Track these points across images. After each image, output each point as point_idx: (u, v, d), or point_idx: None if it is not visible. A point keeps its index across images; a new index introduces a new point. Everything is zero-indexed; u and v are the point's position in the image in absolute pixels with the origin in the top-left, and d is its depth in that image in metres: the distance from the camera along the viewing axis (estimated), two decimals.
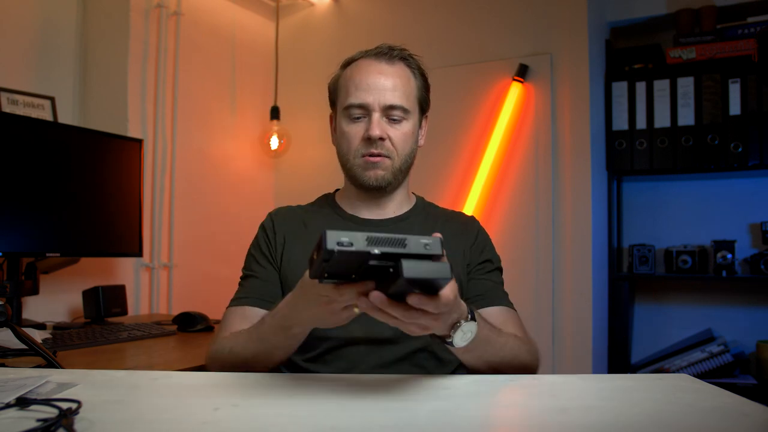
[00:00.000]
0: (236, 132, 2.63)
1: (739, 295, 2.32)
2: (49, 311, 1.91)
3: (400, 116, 1.07)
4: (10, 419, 0.59)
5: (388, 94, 1.06)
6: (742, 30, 2.20)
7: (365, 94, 1.06)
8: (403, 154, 1.08)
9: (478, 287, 1.11)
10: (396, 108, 1.06)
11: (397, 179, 1.10)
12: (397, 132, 1.07)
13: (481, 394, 0.79)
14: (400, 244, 0.64)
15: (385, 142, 1.06)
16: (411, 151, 1.11)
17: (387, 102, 1.06)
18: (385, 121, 1.07)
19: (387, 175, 1.07)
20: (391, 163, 1.07)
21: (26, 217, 1.64)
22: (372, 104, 1.05)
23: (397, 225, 1.12)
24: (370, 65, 1.08)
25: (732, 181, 2.32)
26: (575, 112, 2.23)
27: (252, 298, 1.07)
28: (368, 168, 1.07)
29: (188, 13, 2.38)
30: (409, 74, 1.10)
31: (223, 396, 0.75)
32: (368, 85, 1.06)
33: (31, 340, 0.90)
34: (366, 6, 2.68)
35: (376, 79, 1.06)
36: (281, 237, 1.11)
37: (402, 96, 1.07)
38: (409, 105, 1.08)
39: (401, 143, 1.08)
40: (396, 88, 1.07)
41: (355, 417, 0.66)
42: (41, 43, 2.07)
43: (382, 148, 1.06)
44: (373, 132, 1.05)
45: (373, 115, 1.05)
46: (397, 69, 1.09)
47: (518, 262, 2.24)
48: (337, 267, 0.66)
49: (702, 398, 0.73)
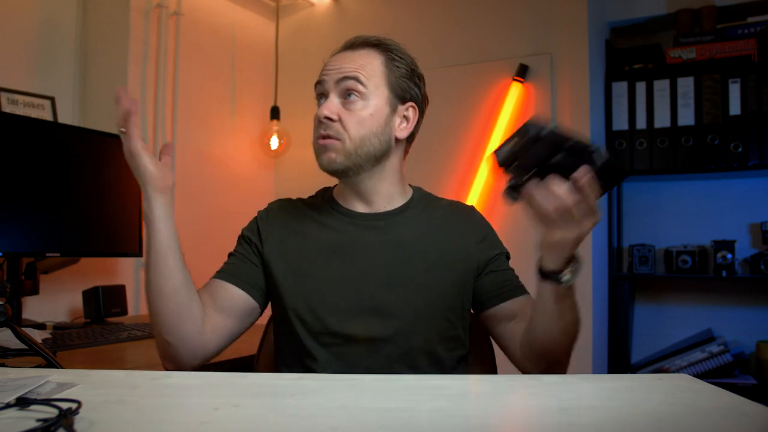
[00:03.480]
0: (236, 132, 2.63)
1: (739, 295, 2.32)
2: (49, 311, 1.91)
3: (357, 95, 1.03)
4: (10, 419, 0.59)
5: (343, 69, 1.04)
6: (742, 30, 2.20)
7: (322, 75, 1.06)
8: (356, 137, 1.03)
9: (501, 279, 1.12)
10: (348, 80, 1.02)
11: (357, 163, 1.04)
12: (351, 112, 1.03)
13: (481, 394, 0.79)
14: (585, 143, 0.79)
15: (334, 123, 1.03)
16: (370, 134, 1.04)
17: (339, 75, 1.04)
18: (341, 101, 1.05)
19: (338, 158, 1.03)
20: (342, 145, 1.03)
21: (26, 217, 1.64)
22: (326, 81, 1.05)
23: (395, 218, 1.11)
24: (338, 54, 1.09)
25: (732, 181, 2.32)
26: (575, 112, 2.23)
27: (223, 273, 1.09)
28: (321, 151, 1.06)
29: (188, 13, 2.38)
30: (375, 57, 1.06)
31: (223, 396, 0.75)
32: (327, 67, 1.06)
33: (31, 340, 0.90)
34: (366, 6, 2.68)
35: (334, 62, 1.06)
36: (272, 230, 1.11)
37: (360, 71, 1.03)
38: (369, 82, 1.04)
39: (354, 124, 1.03)
40: (355, 66, 1.04)
41: (355, 417, 0.66)
42: (41, 43, 2.07)
43: (330, 129, 1.04)
44: (320, 111, 1.04)
45: (330, 96, 1.05)
46: (360, 52, 1.06)
47: (518, 262, 2.22)
48: (530, 154, 0.80)
49: (702, 398, 0.73)
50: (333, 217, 1.12)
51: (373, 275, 1.05)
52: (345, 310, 1.03)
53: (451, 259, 1.09)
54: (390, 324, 1.03)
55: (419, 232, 1.11)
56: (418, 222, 1.12)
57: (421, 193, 1.19)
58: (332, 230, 1.10)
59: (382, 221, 1.10)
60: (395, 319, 1.03)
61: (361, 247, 1.08)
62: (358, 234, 1.09)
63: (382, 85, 1.06)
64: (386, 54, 1.07)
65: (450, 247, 1.10)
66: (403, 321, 1.03)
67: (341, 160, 1.04)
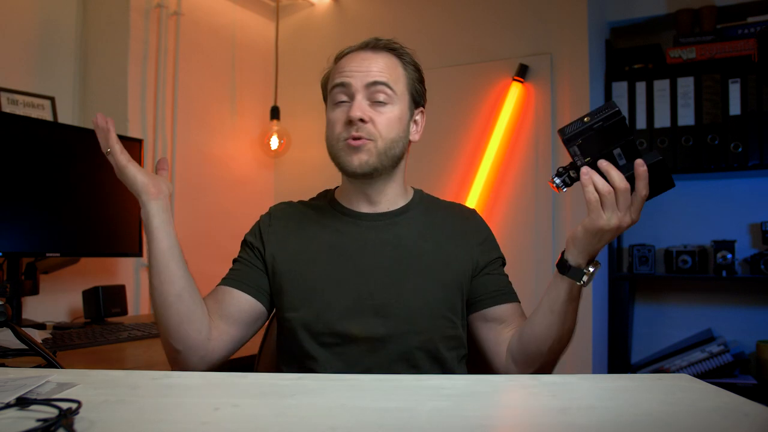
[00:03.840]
0: (236, 132, 2.63)
1: (739, 295, 2.32)
2: (49, 311, 1.91)
3: (385, 98, 1.04)
4: (10, 419, 0.59)
5: (372, 73, 1.04)
6: (742, 30, 2.20)
7: (347, 76, 1.05)
8: (387, 138, 1.04)
9: (495, 283, 1.12)
10: (379, 84, 1.04)
11: (384, 165, 1.05)
12: (382, 115, 1.04)
13: (481, 394, 0.79)
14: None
15: (367, 124, 1.03)
16: (398, 137, 1.06)
17: (370, 79, 1.03)
18: (369, 104, 1.04)
19: (371, 160, 1.03)
20: (374, 145, 1.03)
21: (26, 217, 1.64)
22: (354, 84, 1.04)
23: (393, 219, 1.11)
24: (357, 54, 1.08)
25: (732, 181, 2.32)
26: (575, 112, 2.22)
27: (230, 279, 1.09)
28: (350, 152, 1.03)
29: (188, 13, 2.38)
30: (396, 63, 1.08)
31: (223, 396, 0.75)
32: (351, 68, 1.05)
33: (31, 340, 0.90)
34: (366, 6, 2.68)
35: (359, 63, 1.06)
36: (276, 235, 1.11)
37: (387, 76, 1.05)
38: (396, 87, 1.06)
39: (385, 127, 1.04)
40: (380, 69, 1.05)
41: (355, 417, 0.66)
42: (41, 43, 2.07)
43: (363, 130, 1.03)
44: (353, 113, 1.02)
45: (356, 97, 1.04)
46: (382, 55, 1.07)
47: (518, 262, 2.24)
48: (597, 137, 0.87)
49: (702, 398, 0.73)
50: (335, 218, 1.13)
51: (374, 275, 1.05)
52: (346, 309, 1.04)
53: (451, 260, 1.10)
54: (390, 323, 1.03)
55: (419, 232, 1.11)
56: (419, 222, 1.13)
57: (422, 194, 1.20)
58: (333, 230, 1.11)
59: (384, 221, 1.11)
60: (395, 318, 1.03)
61: (362, 247, 1.08)
62: (359, 234, 1.09)
63: (405, 91, 1.08)
64: (401, 59, 1.09)
65: (450, 248, 1.11)
66: (404, 320, 1.03)
67: (373, 161, 1.04)
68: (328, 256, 1.08)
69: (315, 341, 1.04)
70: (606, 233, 0.92)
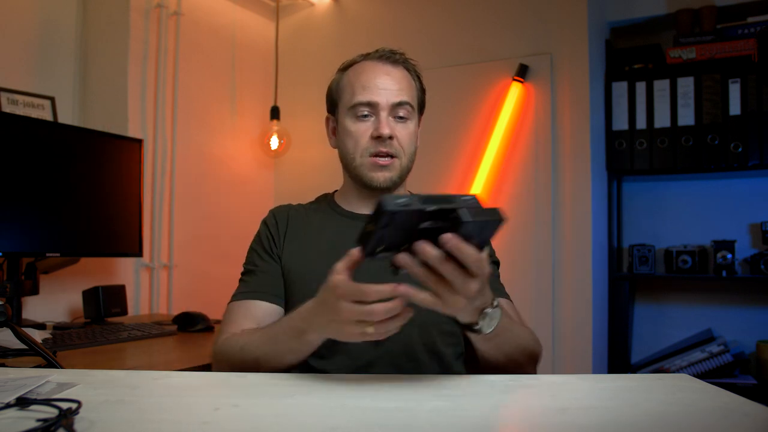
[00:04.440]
0: (236, 132, 2.63)
1: (739, 295, 2.32)
2: (49, 311, 1.91)
3: (407, 115, 1.09)
4: (10, 419, 0.59)
5: (396, 92, 1.08)
6: (742, 30, 2.20)
7: (373, 93, 1.07)
8: (409, 153, 1.10)
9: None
10: (404, 104, 1.09)
11: (402, 179, 1.12)
12: (404, 131, 1.09)
13: (481, 394, 0.79)
14: (450, 200, 0.69)
15: (393, 140, 1.08)
16: (415, 150, 1.13)
17: (396, 99, 1.08)
18: (392, 120, 1.08)
19: (395, 176, 1.09)
20: (399, 162, 1.09)
21: (26, 217, 1.64)
22: (381, 103, 1.07)
23: None
24: (376, 66, 1.10)
25: (732, 181, 2.32)
26: (575, 112, 2.23)
27: (256, 292, 1.08)
28: (376, 170, 1.08)
29: (188, 13, 2.38)
30: (410, 78, 1.13)
31: (223, 396, 0.75)
32: (376, 84, 1.08)
33: (31, 340, 0.90)
34: (366, 6, 2.68)
35: (384, 80, 1.09)
36: (282, 232, 1.13)
37: (408, 94, 1.10)
38: (414, 104, 1.12)
39: (407, 142, 1.10)
40: (402, 88, 1.09)
41: (355, 417, 0.66)
42: (41, 43, 2.07)
43: (390, 146, 1.08)
44: (383, 130, 1.06)
45: (381, 114, 1.07)
46: (400, 71, 1.11)
47: (518, 261, 2.24)
48: (394, 233, 0.68)
49: (702, 398, 0.73)
50: (336, 220, 1.14)
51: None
52: None
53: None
54: None
55: None
56: None
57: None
58: (335, 232, 1.12)
59: None
60: None
61: None
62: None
63: (416, 105, 1.13)
64: (412, 73, 1.14)
65: None
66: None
67: (396, 177, 1.09)
68: (329, 256, 1.07)
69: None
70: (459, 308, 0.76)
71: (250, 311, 1.06)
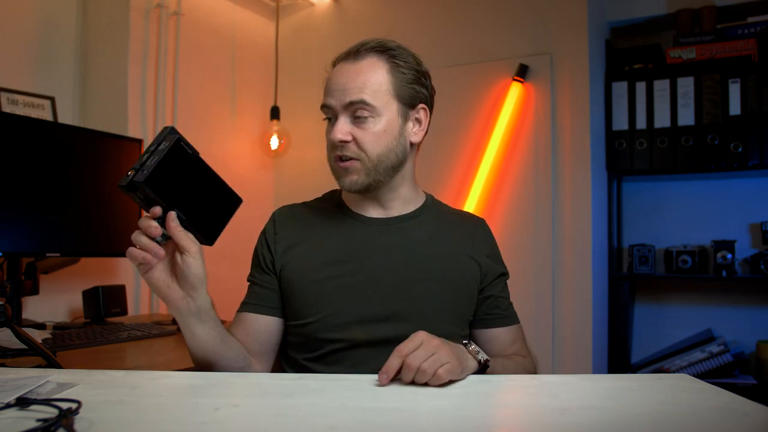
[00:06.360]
0: (236, 132, 2.63)
1: (739, 295, 2.32)
2: (49, 311, 1.91)
3: (366, 114, 1.01)
4: (10, 419, 0.59)
5: (348, 92, 1.01)
6: (742, 30, 2.20)
7: (328, 95, 1.04)
8: (374, 154, 1.02)
9: (497, 305, 1.13)
10: (356, 104, 1.00)
11: (378, 179, 1.04)
12: (364, 132, 1.01)
13: (481, 394, 0.79)
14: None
15: (350, 144, 1.02)
16: (387, 149, 1.03)
17: (346, 99, 1.01)
18: (351, 121, 1.02)
19: (360, 179, 1.03)
20: (361, 165, 1.02)
21: (26, 217, 1.64)
22: (334, 105, 1.02)
23: (405, 223, 1.11)
24: (340, 66, 1.05)
25: (732, 181, 2.32)
26: (575, 112, 2.23)
27: (250, 304, 1.08)
28: (341, 174, 1.04)
29: (188, 13, 2.38)
30: (381, 67, 1.03)
31: (223, 396, 0.75)
32: (331, 86, 1.03)
33: (31, 340, 0.90)
34: (366, 6, 2.68)
35: (338, 79, 1.03)
36: (283, 244, 1.09)
37: (365, 91, 1.01)
38: (377, 100, 1.01)
39: (369, 143, 1.01)
40: (357, 85, 1.00)
41: (355, 417, 0.66)
42: (41, 43, 2.07)
43: (347, 150, 1.02)
44: (333, 135, 1.02)
45: (340, 118, 1.02)
46: (363, 64, 1.02)
47: (518, 262, 2.24)
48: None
49: (702, 398, 0.73)
50: (343, 223, 1.11)
51: (385, 279, 1.05)
52: (355, 315, 1.03)
53: (463, 267, 1.10)
54: (400, 327, 1.02)
55: (431, 237, 1.11)
56: (430, 227, 1.12)
57: (433, 199, 1.20)
58: (342, 236, 1.09)
59: (394, 225, 1.10)
60: (406, 323, 1.02)
61: (373, 252, 1.07)
62: (369, 239, 1.08)
63: (391, 98, 1.03)
64: (391, 62, 1.04)
65: (462, 255, 1.11)
66: (415, 325, 1.02)
67: (362, 179, 1.03)
68: (336, 261, 1.07)
69: (322, 348, 1.03)
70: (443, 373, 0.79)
71: (240, 322, 1.07)
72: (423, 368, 0.78)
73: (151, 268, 0.87)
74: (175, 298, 0.88)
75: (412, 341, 0.82)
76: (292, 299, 1.06)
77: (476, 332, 1.13)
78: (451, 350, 0.83)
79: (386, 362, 0.80)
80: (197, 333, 0.92)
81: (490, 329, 1.12)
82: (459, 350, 0.86)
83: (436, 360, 0.79)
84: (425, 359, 0.79)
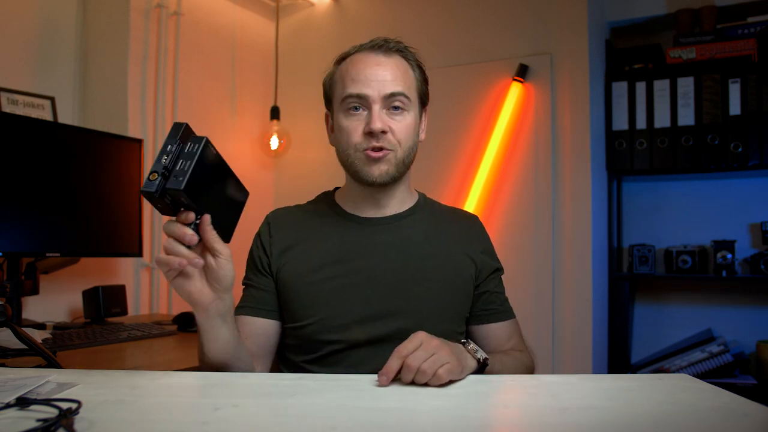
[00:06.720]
0: (236, 132, 2.63)
1: (739, 295, 2.32)
2: (49, 311, 1.91)
3: (402, 106, 1.03)
4: (10, 419, 0.59)
5: (388, 83, 1.02)
6: (742, 30, 2.20)
7: (363, 86, 1.02)
8: (406, 146, 1.04)
9: (493, 300, 1.14)
10: (397, 95, 1.02)
11: (401, 173, 1.06)
12: (400, 124, 1.03)
13: (481, 394, 0.79)
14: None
15: (387, 135, 1.02)
16: (413, 143, 1.07)
17: (387, 90, 1.02)
18: (386, 113, 1.03)
19: (391, 170, 1.04)
20: (394, 155, 1.03)
21: (26, 217, 1.64)
22: (372, 95, 1.02)
23: (399, 222, 1.11)
24: (368, 57, 1.05)
25: (732, 181, 2.32)
26: (575, 112, 2.23)
27: (247, 307, 1.08)
28: (371, 163, 1.03)
29: (188, 13, 2.38)
30: (406, 66, 1.07)
31: (223, 396, 0.75)
32: (366, 76, 1.03)
33: (31, 340, 0.90)
34: (366, 6, 2.68)
35: (374, 71, 1.03)
36: (278, 243, 1.09)
37: (402, 84, 1.04)
38: (410, 94, 1.05)
39: (404, 135, 1.04)
40: (396, 78, 1.03)
41: (355, 417, 0.66)
42: (41, 43, 2.07)
43: (384, 141, 1.02)
44: (374, 125, 1.00)
45: (374, 108, 1.02)
46: (394, 60, 1.05)
47: (518, 262, 2.24)
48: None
49: (702, 398, 0.73)
50: (338, 223, 1.11)
51: (382, 278, 1.05)
52: (353, 316, 1.03)
53: (459, 264, 1.10)
54: (396, 324, 1.03)
55: (426, 235, 1.11)
56: (425, 225, 1.13)
57: (425, 198, 1.20)
58: (337, 237, 1.09)
59: (390, 224, 1.10)
60: (404, 322, 1.02)
61: (369, 252, 1.07)
62: (364, 238, 1.09)
63: (415, 93, 1.08)
64: (411, 61, 1.08)
65: (457, 253, 1.11)
66: (413, 323, 1.02)
67: (392, 171, 1.04)
68: (333, 263, 1.07)
69: (321, 350, 1.03)
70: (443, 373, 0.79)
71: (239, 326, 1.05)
72: (423, 369, 0.78)
73: (186, 274, 0.83)
74: (206, 301, 0.85)
75: (412, 342, 0.82)
76: (289, 302, 1.06)
77: (473, 328, 1.13)
78: (451, 350, 0.83)
79: (386, 363, 0.80)
80: (221, 334, 0.89)
81: (486, 325, 1.12)
82: (458, 350, 0.86)
83: (436, 360, 0.79)
84: (425, 360, 0.79)
